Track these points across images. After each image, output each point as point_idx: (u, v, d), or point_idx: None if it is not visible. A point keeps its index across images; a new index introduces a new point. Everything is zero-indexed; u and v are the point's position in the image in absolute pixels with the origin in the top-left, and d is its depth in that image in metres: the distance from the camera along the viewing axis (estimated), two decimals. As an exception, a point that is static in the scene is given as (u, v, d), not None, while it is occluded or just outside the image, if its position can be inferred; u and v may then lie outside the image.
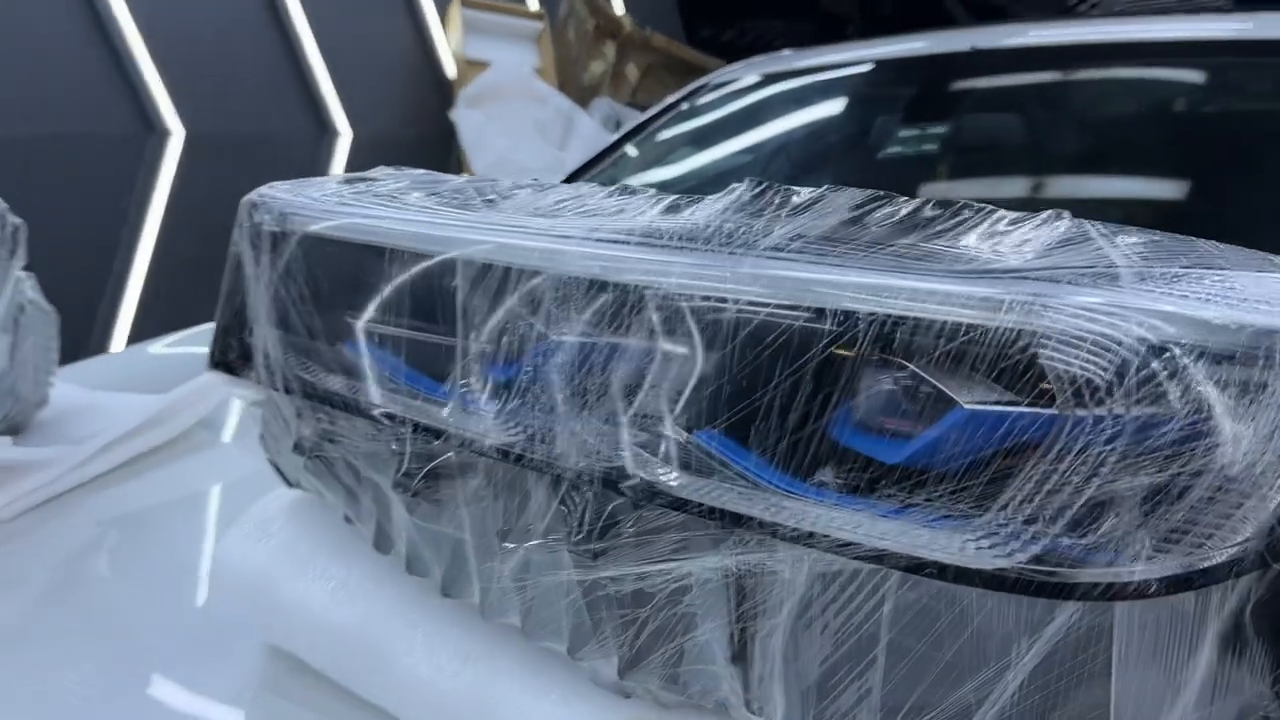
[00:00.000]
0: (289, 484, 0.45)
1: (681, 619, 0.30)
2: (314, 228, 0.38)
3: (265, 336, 0.39)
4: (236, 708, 0.45)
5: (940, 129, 1.04)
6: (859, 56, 1.11)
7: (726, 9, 3.58)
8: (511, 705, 0.35)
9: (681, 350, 0.28)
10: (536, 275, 0.31)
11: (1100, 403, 0.22)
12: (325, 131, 2.67)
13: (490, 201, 0.39)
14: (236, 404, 0.75)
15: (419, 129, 2.83)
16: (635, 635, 0.31)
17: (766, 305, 0.26)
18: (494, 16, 2.78)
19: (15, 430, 0.66)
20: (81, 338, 2.05)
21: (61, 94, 2.08)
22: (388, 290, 0.36)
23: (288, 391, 0.39)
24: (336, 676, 0.41)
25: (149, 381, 0.77)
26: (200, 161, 2.35)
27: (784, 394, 0.26)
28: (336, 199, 0.40)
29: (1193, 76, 0.92)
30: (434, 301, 0.35)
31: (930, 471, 0.24)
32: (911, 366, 0.24)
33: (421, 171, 0.44)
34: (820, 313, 0.25)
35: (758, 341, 0.26)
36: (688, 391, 0.28)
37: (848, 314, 0.25)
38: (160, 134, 2.31)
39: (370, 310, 0.37)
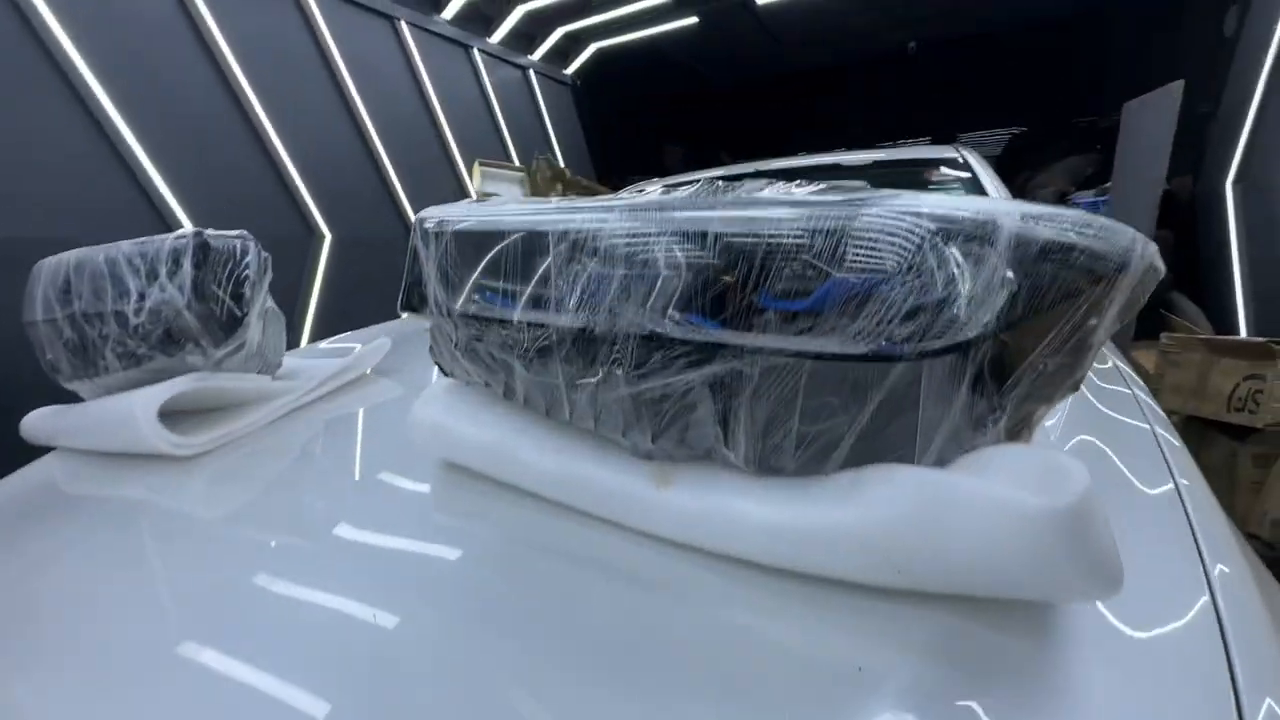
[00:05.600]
0: (445, 373, 0.68)
1: (688, 405, 0.47)
2: (456, 226, 0.61)
3: (434, 288, 0.62)
4: (430, 485, 0.68)
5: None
6: (676, 181, 1.88)
7: (617, 166, 6.31)
8: (587, 471, 0.54)
9: (673, 268, 0.45)
10: (586, 234, 0.50)
11: (909, 266, 0.37)
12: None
13: (557, 204, 0.58)
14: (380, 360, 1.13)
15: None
16: (660, 419, 0.49)
17: (723, 235, 0.43)
18: (498, 169, 4.67)
19: (263, 372, 0.97)
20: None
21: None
22: (503, 251, 0.56)
23: (449, 316, 0.62)
24: (483, 469, 0.64)
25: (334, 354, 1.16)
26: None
27: (732, 284, 0.43)
28: (466, 210, 0.63)
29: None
30: (527, 252, 0.54)
31: (819, 312, 0.40)
32: (804, 258, 0.40)
33: (511, 196, 0.67)
34: (752, 237, 0.42)
35: (721, 254, 0.43)
36: (681, 290, 0.45)
37: (767, 237, 0.42)
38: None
39: (493, 263, 0.57)
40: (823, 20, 5.87)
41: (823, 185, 0.46)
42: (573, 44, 5.81)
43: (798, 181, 0.48)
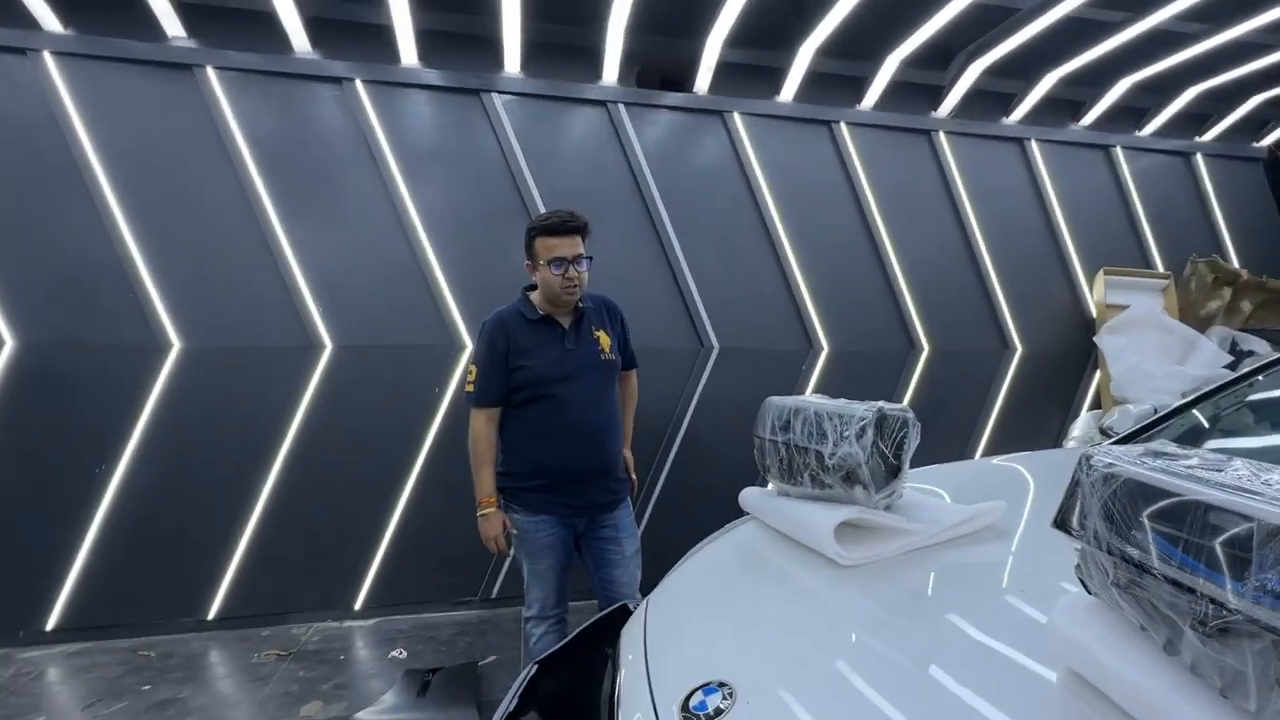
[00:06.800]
0: (1089, 591, 0.72)
1: None
2: (1135, 475, 0.65)
3: (1095, 522, 0.70)
4: (1049, 684, 0.73)
5: None
6: None
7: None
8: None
9: None
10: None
11: None
12: (1006, 347, 4.03)
13: (1253, 482, 0.56)
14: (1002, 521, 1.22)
15: (1065, 348, 4.11)
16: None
17: None
18: (1129, 279, 4.08)
19: (889, 509, 1.21)
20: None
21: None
22: (1189, 520, 0.57)
23: (1107, 552, 0.67)
24: (1121, 703, 0.63)
25: (968, 485, 1.38)
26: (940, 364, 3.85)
27: None
28: (1141, 462, 0.66)
29: None
30: (1222, 531, 0.54)
31: None
32: None
33: (1198, 452, 0.66)
34: None
35: None
36: None
37: None
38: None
39: (1173, 523, 0.59)
40: None
41: None
42: (1275, 109, 4.45)
43: None
